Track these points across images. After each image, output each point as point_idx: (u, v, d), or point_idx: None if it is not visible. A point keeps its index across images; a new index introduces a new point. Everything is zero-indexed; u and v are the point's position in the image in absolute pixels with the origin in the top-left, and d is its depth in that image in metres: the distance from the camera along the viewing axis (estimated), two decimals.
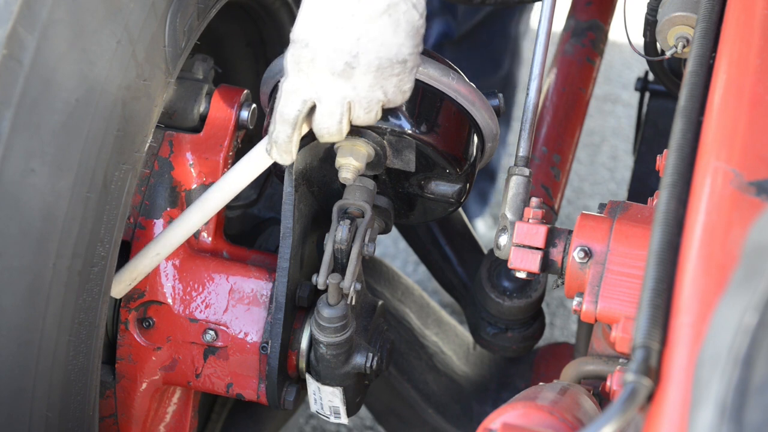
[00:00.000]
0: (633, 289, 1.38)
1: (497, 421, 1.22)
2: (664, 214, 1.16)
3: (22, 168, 1.26)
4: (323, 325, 1.57)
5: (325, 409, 1.68)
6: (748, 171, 1.15)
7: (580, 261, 1.43)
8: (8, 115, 1.24)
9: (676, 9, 1.61)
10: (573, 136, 2.08)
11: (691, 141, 1.25)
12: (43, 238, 1.30)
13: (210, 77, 1.71)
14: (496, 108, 1.61)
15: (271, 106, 1.61)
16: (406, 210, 1.67)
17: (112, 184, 1.39)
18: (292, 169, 1.56)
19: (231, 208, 1.78)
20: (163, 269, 1.62)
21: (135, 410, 1.66)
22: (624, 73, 4.07)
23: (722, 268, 1.07)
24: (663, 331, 1.07)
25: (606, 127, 3.82)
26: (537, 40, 1.62)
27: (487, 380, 2.07)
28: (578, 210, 3.39)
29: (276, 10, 1.90)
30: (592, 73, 2.16)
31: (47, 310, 1.32)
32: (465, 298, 2.02)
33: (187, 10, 1.47)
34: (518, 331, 1.91)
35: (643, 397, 1.03)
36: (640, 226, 1.42)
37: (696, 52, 1.38)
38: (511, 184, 1.57)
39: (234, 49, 1.97)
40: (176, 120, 1.64)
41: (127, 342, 1.63)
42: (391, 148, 1.55)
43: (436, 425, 2.02)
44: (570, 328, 3.05)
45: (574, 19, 2.21)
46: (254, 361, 1.63)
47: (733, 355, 0.93)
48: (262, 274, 1.64)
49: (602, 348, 1.57)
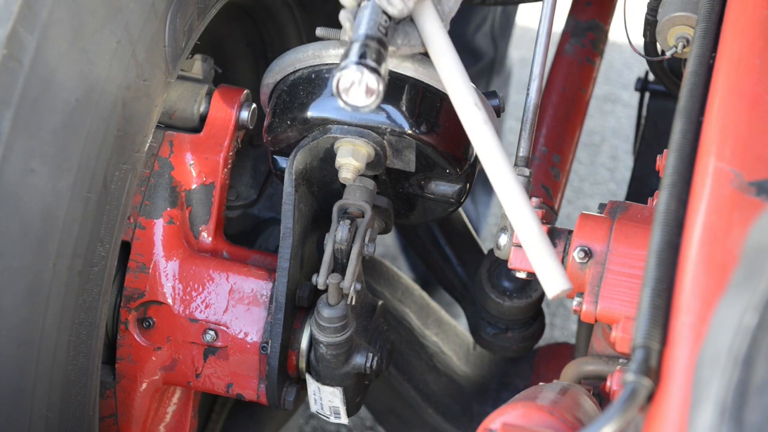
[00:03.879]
0: (633, 289, 1.38)
1: (497, 421, 1.22)
2: (664, 214, 1.17)
3: (22, 168, 1.26)
4: (323, 325, 1.57)
5: (325, 409, 1.68)
6: (748, 171, 1.15)
7: (580, 261, 1.43)
8: (8, 115, 1.24)
9: (676, 9, 1.61)
10: (573, 136, 2.08)
11: (691, 141, 1.25)
12: (43, 238, 1.30)
13: (210, 77, 1.71)
14: (496, 108, 1.61)
15: (271, 105, 1.61)
16: (406, 210, 1.67)
17: (112, 184, 1.39)
18: (292, 169, 1.56)
19: (231, 208, 1.78)
20: (163, 269, 1.62)
21: (135, 410, 1.66)
22: (624, 73, 4.07)
23: (722, 268, 1.07)
24: (663, 331, 1.07)
25: (606, 127, 3.82)
26: (537, 40, 1.62)
27: (487, 380, 2.07)
28: (578, 210, 3.39)
29: (276, 10, 1.90)
30: (592, 73, 2.16)
31: (47, 310, 1.32)
32: (465, 298, 2.02)
33: (187, 10, 1.47)
34: (518, 331, 1.91)
35: (643, 397, 1.03)
36: (640, 226, 1.42)
37: (696, 52, 1.38)
38: None
39: (234, 49, 1.97)
40: (176, 120, 1.64)
41: (127, 342, 1.63)
42: (391, 148, 1.55)
43: (436, 425, 2.02)
44: (570, 328, 3.05)
45: (574, 19, 2.21)
46: (254, 361, 1.63)
47: (733, 355, 0.93)
48: (262, 274, 1.64)
49: (602, 348, 1.57)
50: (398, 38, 1.37)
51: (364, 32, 1.29)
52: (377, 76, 1.26)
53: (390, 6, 1.31)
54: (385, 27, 1.31)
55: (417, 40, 1.38)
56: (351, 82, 1.27)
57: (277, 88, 1.61)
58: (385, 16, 1.31)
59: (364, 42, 1.27)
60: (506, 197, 1.33)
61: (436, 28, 1.36)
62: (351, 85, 1.27)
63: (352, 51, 1.27)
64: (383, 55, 1.29)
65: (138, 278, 1.62)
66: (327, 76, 1.55)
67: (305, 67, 1.57)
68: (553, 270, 1.29)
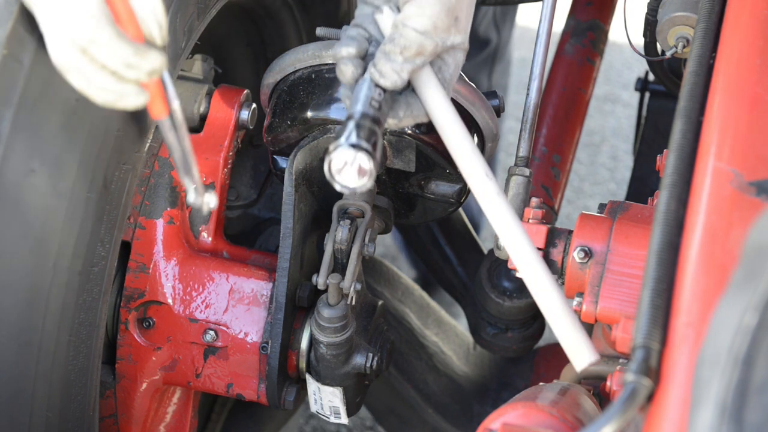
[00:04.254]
0: (633, 289, 1.38)
1: (497, 421, 1.22)
2: (664, 214, 1.17)
3: (23, 168, 1.26)
4: (323, 325, 1.57)
5: (325, 409, 1.68)
6: (748, 171, 1.15)
7: (580, 261, 1.43)
8: (8, 115, 1.24)
9: (676, 9, 1.61)
10: (573, 136, 2.08)
11: (691, 141, 1.25)
12: (43, 238, 1.30)
13: (210, 77, 1.71)
14: (496, 108, 1.61)
15: (271, 105, 1.61)
16: (406, 210, 1.67)
17: (112, 184, 1.38)
18: (292, 169, 1.56)
19: (231, 208, 1.78)
20: (163, 269, 1.62)
21: (135, 410, 1.66)
22: (624, 73, 4.07)
23: (722, 268, 1.07)
24: (663, 331, 1.07)
25: (606, 127, 3.82)
26: (537, 40, 1.62)
27: (487, 380, 2.07)
28: (578, 210, 3.39)
29: (276, 10, 1.90)
30: (592, 73, 2.16)
31: (47, 310, 1.32)
32: (465, 298, 2.02)
33: (187, 10, 1.46)
34: (518, 332, 1.91)
35: (643, 397, 1.03)
36: (640, 226, 1.42)
37: (696, 52, 1.38)
38: (512, 184, 1.57)
39: (234, 49, 1.97)
40: None
41: (127, 342, 1.63)
42: (391, 148, 1.55)
43: (436, 425, 2.02)
44: None
45: (574, 19, 2.21)
46: (254, 361, 1.63)
47: (733, 355, 0.93)
48: (262, 274, 1.64)
49: (602, 348, 1.57)
50: (400, 110, 1.36)
51: (358, 109, 1.29)
52: (369, 157, 1.26)
53: (383, 79, 1.31)
54: (379, 101, 1.30)
55: (420, 109, 1.37)
56: (343, 163, 1.27)
57: (277, 88, 1.61)
58: (380, 90, 1.31)
59: (357, 121, 1.27)
60: (527, 272, 1.34)
61: (438, 97, 1.35)
62: (343, 166, 1.27)
63: (344, 131, 1.27)
64: (376, 133, 1.28)
65: (138, 278, 1.62)
66: (327, 76, 1.55)
67: (305, 67, 1.57)
68: (580, 342, 1.31)
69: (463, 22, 1.34)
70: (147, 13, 1.23)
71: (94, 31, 1.18)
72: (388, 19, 1.33)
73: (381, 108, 1.30)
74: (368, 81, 1.31)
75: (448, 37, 1.33)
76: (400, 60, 1.30)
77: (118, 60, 1.21)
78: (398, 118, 1.36)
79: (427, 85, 1.35)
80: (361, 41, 1.34)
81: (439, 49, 1.33)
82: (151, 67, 1.22)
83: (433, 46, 1.32)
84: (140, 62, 1.21)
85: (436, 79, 1.35)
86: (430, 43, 1.31)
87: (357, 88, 1.31)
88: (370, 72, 1.31)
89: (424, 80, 1.35)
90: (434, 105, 1.36)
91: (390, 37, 1.31)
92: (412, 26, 1.30)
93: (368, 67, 1.32)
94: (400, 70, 1.31)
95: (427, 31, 1.30)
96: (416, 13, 1.30)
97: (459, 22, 1.33)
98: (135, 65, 1.21)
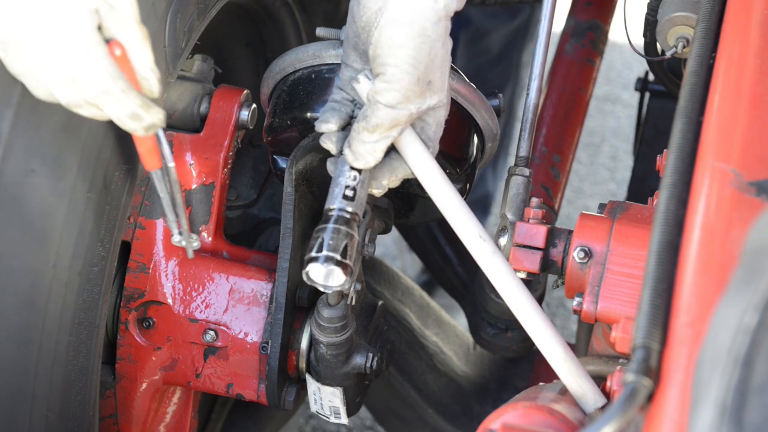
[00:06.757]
0: (633, 289, 1.38)
1: (497, 421, 1.22)
2: (664, 214, 1.17)
3: (23, 168, 1.26)
4: (323, 325, 1.57)
5: (325, 409, 1.68)
6: (748, 171, 1.15)
7: (580, 261, 1.43)
8: (8, 115, 1.24)
9: (676, 9, 1.61)
10: (573, 136, 2.08)
11: (691, 141, 1.25)
12: (43, 238, 1.30)
13: (210, 77, 1.71)
14: (496, 108, 1.61)
15: (271, 105, 1.61)
16: (406, 210, 1.67)
17: (112, 184, 1.38)
18: (292, 169, 1.56)
19: (231, 208, 1.78)
20: (163, 269, 1.62)
21: (135, 410, 1.66)
22: (624, 73, 4.07)
23: (722, 268, 1.07)
24: (663, 331, 1.07)
25: (606, 127, 3.82)
26: (537, 40, 1.62)
27: (487, 380, 2.07)
28: (578, 210, 3.39)
29: (276, 10, 1.90)
30: (592, 74, 2.16)
31: (47, 311, 1.32)
32: (465, 298, 2.02)
33: (187, 10, 1.46)
34: (518, 332, 1.91)
35: (643, 397, 1.03)
36: (640, 226, 1.42)
37: (696, 52, 1.38)
38: (511, 184, 1.57)
39: (234, 49, 1.97)
40: (176, 120, 1.64)
41: (127, 342, 1.63)
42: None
43: (436, 425, 2.02)
44: (570, 328, 3.05)
45: (574, 19, 2.21)
46: (254, 361, 1.63)
47: (733, 355, 0.93)
48: (262, 275, 1.64)
49: (602, 348, 1.57)
50: (383, 179, 1.39)
51: (334, 210, 1.35)
52: (342, 268, 1.34)
53: (356, 162, 1.34)
54: (354, 187, 1.36)
55: (405, 170, 1.39)
56: (321, 273, 1.35)
57: (277, 89, 1.61)
58: (355, 172, 1.35)
59: (333, 228, 1.34)
60: (530, 324, 1.38)
61: (423, 159, 1.37)
62: (322, 275, 1.36)
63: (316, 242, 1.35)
64: (351, 234, 1.35)
65: (138, 278, 1.62)
66: (327, 76, 1.55)
67: (305, 67, 1.57)
68: (586, 389, 1.35)
69: (438, 83, 1.33)
70: (147, 71, 1.25)
71: (108, 82, 1.20)
72: (364, 87, 1.34)
73: (356, 195, 1.35)
74: (343, 164, 1.36)
75: (424, 101, 1.33)
76: (374, 139, 1.31)
77: (125, 111, 1.23)
78: (382, 187, 1.40)
79: (410, 146, 1.37)
80: (342, 111, 1.37)
81: (415, 115, 1.33)
82: (152, 121, 1.25)
83: (407, 115, 1.32)
84: (144, 115, 1.24)
85: (419, 140, 1.36)
86: (404, 114, 1.31)
87: (336, 173, 1.37)
88: (345, 154, 1.35)
89: (406, 142, 1.36)
90: (421, 168, 1.38)
91: (363, 113, 1.32)
92: (384, 102, 1.30)
93: (344, 147, 1.36)
94: (373, 150, 1.33)
95: (399, 104, 1.30)
96: (385, 88, 1.30)
97: (433, 84, 1.32)
98: (139, 117, 1.24)
